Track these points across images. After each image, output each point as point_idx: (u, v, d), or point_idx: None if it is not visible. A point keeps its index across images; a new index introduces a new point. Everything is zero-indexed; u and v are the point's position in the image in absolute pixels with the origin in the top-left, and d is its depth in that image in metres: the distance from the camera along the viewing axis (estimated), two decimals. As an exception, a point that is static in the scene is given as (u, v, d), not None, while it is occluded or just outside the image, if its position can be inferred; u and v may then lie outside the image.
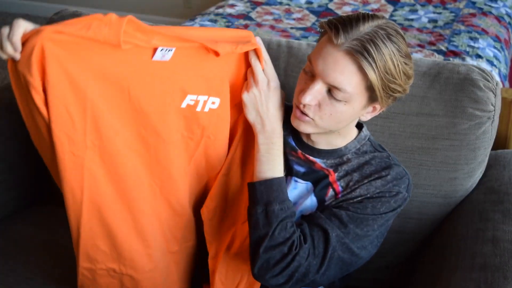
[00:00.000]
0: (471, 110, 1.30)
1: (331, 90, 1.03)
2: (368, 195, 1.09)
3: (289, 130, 1.19)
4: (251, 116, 1.12)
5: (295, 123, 1.10)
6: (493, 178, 1.35)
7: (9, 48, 0.91)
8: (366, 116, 1.11)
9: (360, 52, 0.98)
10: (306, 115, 1.06)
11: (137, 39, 0.97)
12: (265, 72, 1.12)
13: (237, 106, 1.17)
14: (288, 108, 1.16)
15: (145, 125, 1.08)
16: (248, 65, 1.12)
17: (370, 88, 1.02)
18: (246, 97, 1.12)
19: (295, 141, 1.19)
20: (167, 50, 1.01)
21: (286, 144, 1.19)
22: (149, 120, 1.08)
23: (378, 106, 1.08)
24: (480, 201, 1.31)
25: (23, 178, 1.68)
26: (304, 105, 1.05)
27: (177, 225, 1.21)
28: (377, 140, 1.34)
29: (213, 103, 1.12)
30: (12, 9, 4.56)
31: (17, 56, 0.92)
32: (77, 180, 1.04)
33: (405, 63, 1.03)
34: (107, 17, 0.94)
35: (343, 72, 1.00)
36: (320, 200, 1.14)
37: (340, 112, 1.04)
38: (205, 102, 1.11)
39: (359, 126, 1.18)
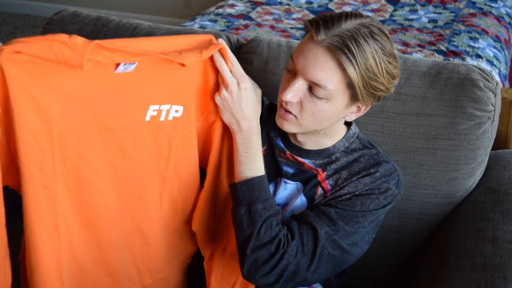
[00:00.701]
0: (471, 110, 1.30)
1: (312, 88, 1.03)
2: (357, 192, 1.08)
3: (277, 131, 1.18)
4: (225, 117, 1.11)
5: (278, 121, 1.10)
6: (493, 178, 1.35)
7: None
8: (351, 116, 1.10)
9: (340, 48, 0.97)
10: (290, 113, 1.06)
11: (101, 55, 0.92)
12: (233, 73, 1.09)
13: (212, 111, 1.13)
14: (276, 108, 1.15)
15: (111, 145, 1.02)
16: (216, 67, 1.10)
17: (351, 86, 1.01)
18: (218, 99, 1.10)
19: (283, 142, 1.18)
20: (130, 64, 0.97)
21: (274, 145, 1.18)
22: (116, 139, 1.02)
23: (362, 106, 1.08)
24: (480, 201, 1.31)
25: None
26: (287, 103, 1.05)
27: (150, 256, 1.16)
28: (377, 140, 1.34)
29: (176, 111, 1.08)
30: (12, 9, 4.56)
31: None
32: (52, 217, 0.97)
33: (389, 62, 1.02)
34: (71, 40, 0.89)
35: (323, 68, 1.00)
36: (310, 199, 1.14)
37: (321, 111, 1.04)
38: (168, 111, 1.07)
39: (348, 123, 1.18)
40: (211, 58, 1.08)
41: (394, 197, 1.11)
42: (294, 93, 1.03)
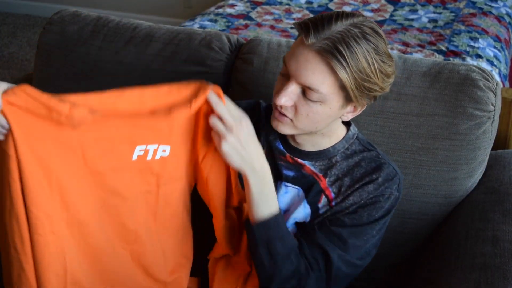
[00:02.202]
0: (471, 110, 1.30)
1: (305, 91, 1.02)
2: (362, 202, 1.09)
3: (276, 134, 1.18)
4: (236, 163, 1.02)
5: (274, 124, 1.09)
6: (493, 178, 1.35)
7: None
8: (347, 116, 1.09)
9: (331, 52, 0.96)
10: (285, 115, 1.06)
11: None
12: (230, 111, 1.01)
13: (201, 151, 1.09)
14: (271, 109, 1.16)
15: (103, 186, 1.03)
16: (199, 107, 1.03)
17: (344, 88, 1.00)
18: (225, 147, 0.99)
19: (283, 144, 1.18)
20: None
21: (274, 148, 1.18)
22: (106, 180, 1.03)
23: (358, 106, 1.07)
24: (480, 201, 1.31)
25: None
26: (281, 107, 1.04)
27: None
28: (377, 140, 1.34)
29: (163, 151, 1.06)
30: (12, 9, 4.56)
31: None
32: (61, 261, 1.00)
33: (382, 62, 1.00)
34: (70, 113, 0.92)
35: (314, 72, 0.99)
36: (314, 207, 1.13)
37: (316, 113, 1.03)
38: (155, 151, 1.05)
39: (347, 123, 1.17)
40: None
41: (396, 200, 1.11)
42: (288, 97, 1.02)
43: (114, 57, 1.60)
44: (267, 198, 1.06)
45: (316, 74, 0.99)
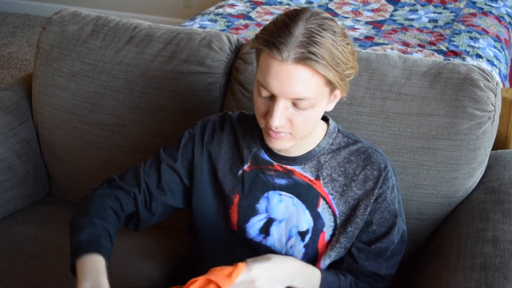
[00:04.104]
0: (471, 110, 1.30)
1: (295, 103, 1.01)
2: (373, 203, 1.12)
3: (258, 144, 1.16)
4: None
5: (271, 144, 1.07)
6: (494, 178, 1.35)
7: None
8: (331, 106, 1.09)
9: (308, 58, 0.96)
10: (281, 132, 1.04)
11: None
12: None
13: None
14: (251, 119, 1.18)
15: None
16: None
17: (329, 84, 1.01)
18: None
19: (268, 154, 1.16)
20: None
21: (259, 160, 1.16)
22: None
23: (338, 92, 1.07)
24: (480, 201, 1.31)
25: (23, 178, 1.68)
26: (277, 127, 1.03)
27: None
28: (377, 140, 1.34)
29: None
30: (12, 9, 4.56)
31: None
32: None
33: (346, 44, 1.01)
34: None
35: (299, 83, 0.98)
36: (314, 213, 1.14)
37: (311, 117, 1.04)
38: None
39: (325, 119, 1.18)
40: None
41: (396, 176, 1.18)
42: (281, 116, 1.01)
43: (114, 57, 1.60)
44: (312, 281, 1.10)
45: (302, 83, 0.98)
